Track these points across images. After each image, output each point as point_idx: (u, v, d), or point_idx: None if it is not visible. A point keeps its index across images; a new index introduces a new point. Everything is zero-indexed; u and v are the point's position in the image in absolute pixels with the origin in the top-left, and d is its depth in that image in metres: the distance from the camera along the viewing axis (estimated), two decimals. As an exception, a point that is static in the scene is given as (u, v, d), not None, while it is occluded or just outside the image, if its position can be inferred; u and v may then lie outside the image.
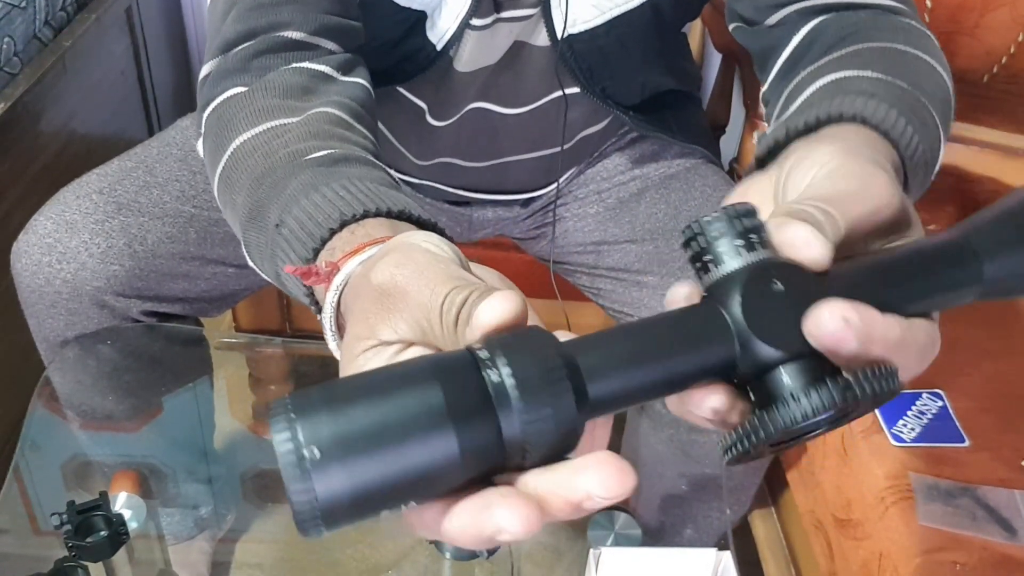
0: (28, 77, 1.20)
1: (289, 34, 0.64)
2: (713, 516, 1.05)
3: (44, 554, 0.84)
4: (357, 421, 0.28)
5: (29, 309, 0.89)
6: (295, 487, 0.27)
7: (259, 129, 0.57)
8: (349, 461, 0.28)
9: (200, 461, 1.13)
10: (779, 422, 0.31)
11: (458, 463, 0.29)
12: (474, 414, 0.29)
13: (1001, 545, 0.85)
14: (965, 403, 0.99)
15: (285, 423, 0.28)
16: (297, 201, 0.48)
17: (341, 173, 0.49)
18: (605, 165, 1.02)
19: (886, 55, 0.58)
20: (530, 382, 0.29)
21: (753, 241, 0.33)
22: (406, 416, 0.28)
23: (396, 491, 0.28)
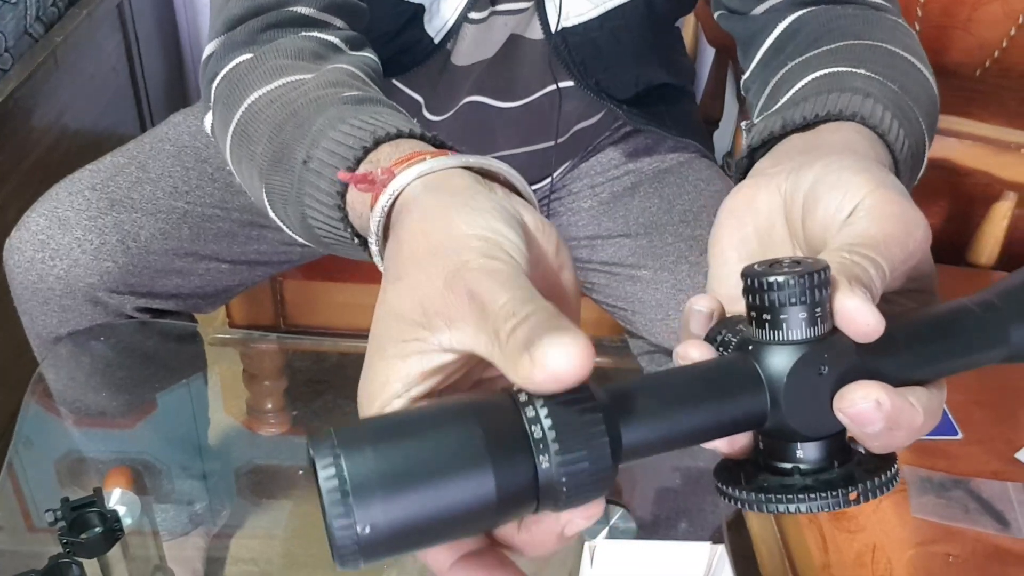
0: (19, 73, 1.20)
1: (298, 9, 0.62)
2: (707, 510, 1.05)
3: (38, 551, 0.84)
4: (399, 459, 0.29)
5: (22, 306, 0.89)
6: (338, 522, 0.28)
7: (275, 84, 0.55)
8: (391, 499, 0.28)
9: (194, 457, 1.13)
10: (775, 508, 0.33)
11: (494, 504, 0.29)
12: (512, 456, 0.29)
13: (994, 537, 0.86)
14: (958, 396, 0.99)
15: (330, 457, 0.28)
16: (324, 134, 0.46)
17: (367, 109, 0.48)
18: (599, 159, 1.02)
19: (876, 54, 0.58)
20: (567, 428, 0.30)
21: (817, 316, 0.33)
22: (447, 456, 0.29)
23: (432, 530, 0.29)
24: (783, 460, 0.34)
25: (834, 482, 0.33)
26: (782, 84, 0.58)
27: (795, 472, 0.34)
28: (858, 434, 0.34)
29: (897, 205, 0.38)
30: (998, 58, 1.33)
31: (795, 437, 0.34)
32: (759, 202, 0.42)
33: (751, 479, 0.35)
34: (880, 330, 0.34)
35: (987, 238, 1.20)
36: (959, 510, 0.88)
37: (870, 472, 0.34)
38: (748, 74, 0.69)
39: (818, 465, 0.34)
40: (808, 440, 0.34)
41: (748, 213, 0.42)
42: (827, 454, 0.34)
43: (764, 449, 0.35)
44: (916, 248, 0.38)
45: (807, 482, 0.34)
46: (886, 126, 0.47)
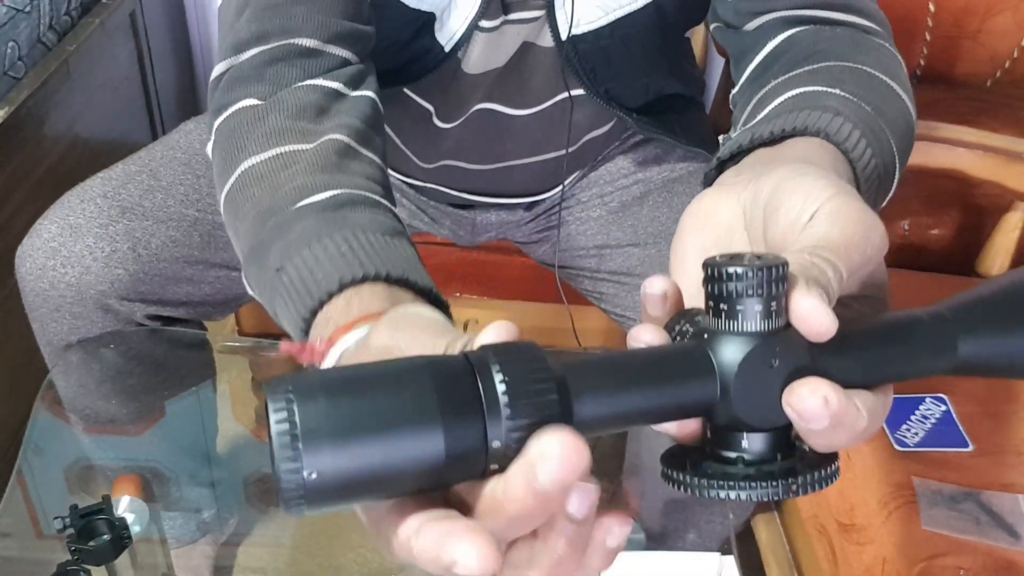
0: (32, 81, 1.21)
1: (302, 42, 0.64)
2: (716, 520, 1.05)
3: (47, 558, 0.84)
4: (352, 409, 0.29)
5: (33, 313, 0.89)
6: (285, 465, 0.28)
7: (268, 155, 0.57)
8: (339, 447, 0.29)
9: (203, 465, 1.13)
10: (711, 492, 0.34)
11: (442, 462, 0.30)
12: (463, 416, 0.30)
13: (1005, 550, 0.85)
14: (968, 408, 0.99)
15: (284, 402, 0.29)
16: (299, 250, 0.48)
17: (345, 221, 0.50)
18: (608, 168, 1.02)
19: (855, 75, 0.59)
20: (519, 392, 0.30)
21: (773, 310, 0.34)
22: (399, 411, 0.29)
23: (378, 482, 0.29)
24: (728, 449, 0.35)
25: (775, 473, 0.34)
26: (762, 102, 0.60)
27: (739, 461, 0.35)
28: (803, 430, 0.35)
29: (856, 210, 0.39)
30: (1009, 68, 1.32)
31: (741, 427, 0.35)
32: (720, 211, 0.43)
33: (696, 465, 0.35)
34: (833, 331, 0.34)
35: (997, 249, 1.19)
36: (970, 523, 0.87)
37: (811, 467, 0.35)
38: (736, 89, 0.70)
39: (762, 456, 0.35)
40: (754, 431, 0.35)
41: (709, 222, 0.43)
42: (771, 447, 0.35)
43: (711, 438, 0.36)
44: (874, 253, 0.39)
45: (749, 471, 0.34)
46: (851, 143, 0.48)
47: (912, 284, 1.14)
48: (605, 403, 0.33)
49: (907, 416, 0.98)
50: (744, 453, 0.35)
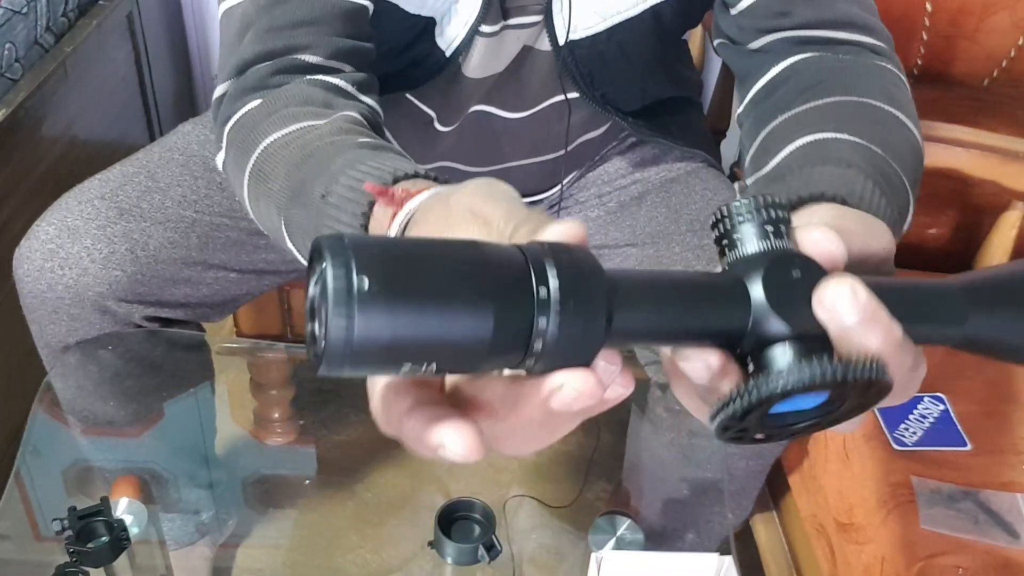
0: (29, 83, 1.21)
1: (306, 58, 0.65)
2: (715, 520, 1.05)
3: (45, 560, 0.84)
4: (408, 276, 0.29)
5: (31, 315, 0.89)
6: (337, 321, 0.28)
7: (290, 128, 0.58)
8: (392, 311, 0.28)
9: (201, 466, 1.13)
10: (767, 387, 0.33)
11: (487, 344, 0.30)
12: (514, 305, 0.30)
13: (1004, 549, 0.85)
14: (967, 407, 0.99)
15: (342, 257, 0.28)
16: (344, 172, 0.48)
17: (383, 155, 0.50)
18: (606, 169, 1.02)
19: (862, 113, 0.60)
20: (571, 294, 0.31)
21: (780, 230, 0.36)
22: (456, 286, 0.30)
23: (423, 351, 0.30)
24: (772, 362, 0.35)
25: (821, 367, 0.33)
26: (770, 143, 0.61)
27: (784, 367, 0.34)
28: (836, 333, 0.35)
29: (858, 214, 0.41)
30: (1006, 68, 1.33)
31: (779, 335, 0.34)
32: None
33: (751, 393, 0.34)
34: (842, 251, 0.35)
35: (995, 248, 1.19)
36: (969, 522, 0.88)
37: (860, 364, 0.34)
38: (741, 109, 0.72)
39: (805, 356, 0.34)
40: (792, 339, 0.34)
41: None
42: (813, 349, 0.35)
43: (754, 372, 0.35)
44: (880, 246, 0.40)
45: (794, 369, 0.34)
46: (867, 200, 0.49)
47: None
48: (644, 317, 0.33)
49: (905, 415, 0.98)
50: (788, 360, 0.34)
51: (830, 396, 0.34)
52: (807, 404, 0.35)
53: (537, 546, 1.05)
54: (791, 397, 0.33)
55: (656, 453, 1.06)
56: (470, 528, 0.91)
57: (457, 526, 0.91)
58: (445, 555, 0.89)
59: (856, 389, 0.34)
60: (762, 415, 0.34)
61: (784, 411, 0.35)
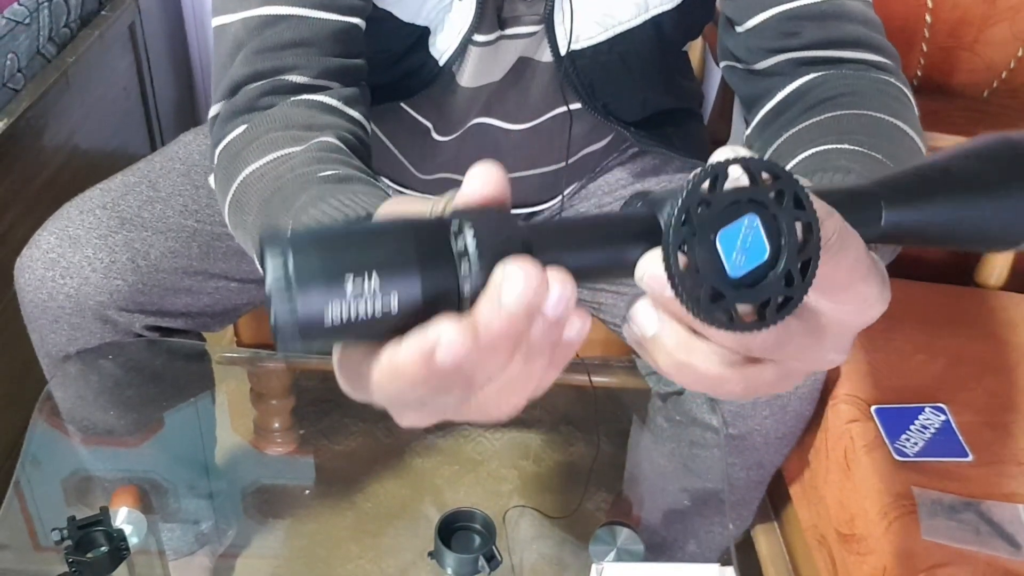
0: (31, 93, 1.21)
1: (294, 78, 0.66)
2: (715, 531, 1.05)
3: (44, 570, 0.84)
4: (339, 256, 0.33)
5: (32, 324, 0.89)
6: (280, 306, 0.32)
7: (266, 159, 0.59)
8: (328, 286, 0.32)
9: (201, 476, 1.12)
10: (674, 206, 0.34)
11: (419, 302, 0.33)
12: (438, 266, 0.33)
13: (1005, 560, 0.85)
14: (968, 417, 0.99)
15: (279, 250, 0.32)
16: (306, 211, 0.50)
17: (347, 188, 0.51)
18: (606, 179, 1.02)
19: (863, 124, 0.60)
20: (487, 246, 0.33)
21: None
22: (382, 256, 0.33)
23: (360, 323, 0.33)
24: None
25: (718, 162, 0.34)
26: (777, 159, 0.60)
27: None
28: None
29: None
30: (1006, 79, 1.33)
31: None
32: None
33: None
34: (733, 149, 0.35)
35: (996, 259, 1.19)
36: (970, 533, 0.87)
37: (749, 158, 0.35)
38: (749, 132, 0.72)
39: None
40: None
41: None
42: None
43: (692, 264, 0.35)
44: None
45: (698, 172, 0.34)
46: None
47: (909, 294, 1.14)
48: (565, 255, 0.35)
49: (907, 426, 0.98)
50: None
51: (763, 223, 0.34)
52: (753, 248, 0.35)
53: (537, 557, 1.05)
54: (708, 211, 0.34)
55: (657, 463, 1.06)
56: (470, 539, 0.90)
57: (457, 537, 0.90)
58: (445, 566, 0.89)
59: (769, 193, 0.34)
60: (714, 261, 0.34)
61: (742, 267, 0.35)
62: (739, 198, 0.34)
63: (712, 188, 0.34)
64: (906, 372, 1.04)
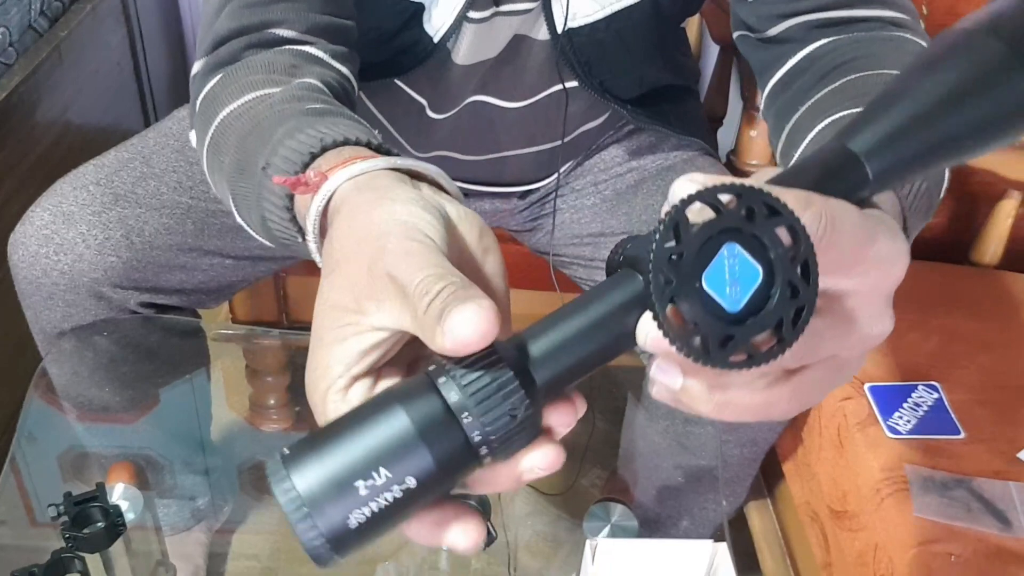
0: (23, 67, 1.20)
1: (281, 32, 0.64)
2: (709, 508, 1.05)
3: (41, 545, 0.84)
4: (342, 461, 0.32)
5: (26, 300, 0.89)
6: (306, 534, 0.32)
7: (244, 99, 0.58)
8: (342, 497, 0.32)
9: (197, 452, 1.13)
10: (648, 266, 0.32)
11: (436, 474, 0.33)
12: (440, 429, 0.33)
13: (996, 537, 0.86)
14: (961, 395, 0.99)
15: (284, 477, 0.32)
16: (282, 143, 0.49)
17: (325, 121, 0.50)
18: (602, 157, 1.01)
19: (878, 86, 0.58)
20: (482, 391, 0.33)
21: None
22: (383, 447, 0.32)
23: (389, 514, 0.33)
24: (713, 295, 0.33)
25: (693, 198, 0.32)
26: (794, 136, 0.60)
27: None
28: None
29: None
30: (1003, 57, 1.32)
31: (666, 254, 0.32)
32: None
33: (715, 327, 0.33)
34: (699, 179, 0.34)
35: (991, 237, 1.20)
36: (961, 510, 0.88)
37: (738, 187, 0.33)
38: (762, 103, 0.71)
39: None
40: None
41: None
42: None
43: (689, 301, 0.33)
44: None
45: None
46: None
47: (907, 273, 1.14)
48: (561, 358, 0.34)
49: (899, 403, 0.98)
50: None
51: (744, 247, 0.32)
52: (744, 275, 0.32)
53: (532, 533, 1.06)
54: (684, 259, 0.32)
55: (651, 441, 1.06)
56: (465, 515, 0.91)
57: (452, 513, 0.91)
58: (440, 541, 0.89)
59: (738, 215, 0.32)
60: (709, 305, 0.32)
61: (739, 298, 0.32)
62: (710, 233, 0.32)
63: (677, 237, 0.32)
64: (900, 350, 1.04)
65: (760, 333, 0.33)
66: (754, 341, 0.33)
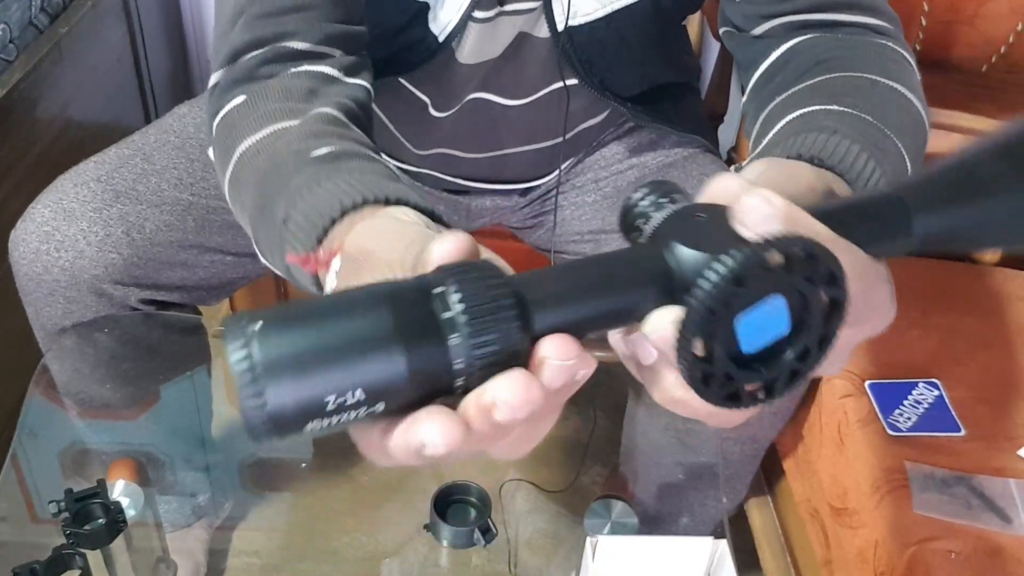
0: (24, 64, 1.20)
1: (295, 44, 0.65)
2: (709, 504, 1.05)
3: (42, 542, 0.84)
4: (310, 337, 0.29)
5: (27, 297, 0.89)
6: (248, 402, 0.29)
7: (262, 133, 0.59)
8: (300, 378, 0.29)
9: (198, 449, 1.13)
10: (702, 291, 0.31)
11: (405, 383, 0.30)
12: (422, 334, 0.30)
13: (996, 534, 0.86)
14: (961, 392, 0.99)
15: (242, 339, 0.29)
16: (301, 195, 0.49)
17: (341, 168, 0.51)
18: (603, 154, 1.01)
19: (856, 87, 0.59)
20: (477, 305, 0.30)
21: (676, 198, 0.36)
22: (357, 336, 0.30)
23: (344, 406, 0.30)
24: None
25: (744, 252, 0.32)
26: (766, 125, 0.60)
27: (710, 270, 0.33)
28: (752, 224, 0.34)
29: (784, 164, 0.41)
30: (1004, 54, 1.32)
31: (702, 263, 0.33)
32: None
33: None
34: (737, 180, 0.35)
35: (991, 235, 1.19)
36: (961, 507, 0.88)
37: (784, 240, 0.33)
38: (744, 98, 0.72)
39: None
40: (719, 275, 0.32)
41: None
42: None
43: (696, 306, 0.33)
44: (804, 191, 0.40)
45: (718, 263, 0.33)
46: (848, 160, 0.48)
47: (904, 270, 1.14)
48: (567, 308, 0.33)
49: (900, 401, 0.98)
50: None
51: (788, 302, 0.32)
52: (774, 324, 0.33)
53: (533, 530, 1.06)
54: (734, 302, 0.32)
55: (652, 438, 1.06)
56: (466, 511, 0.91)
57: (453, 509, 0.91)
58: (441, 538, 0.90)
59: (802, 275, 0.32)
60: (730, 344, 0.32)
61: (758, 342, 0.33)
62: (771, 289, 0.32)
63: (742, 279, 0.32)
64: (900, 347, 1.04)
65: (756, 382, 0.34)
66: (746, 387, 0.34)
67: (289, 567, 1.11)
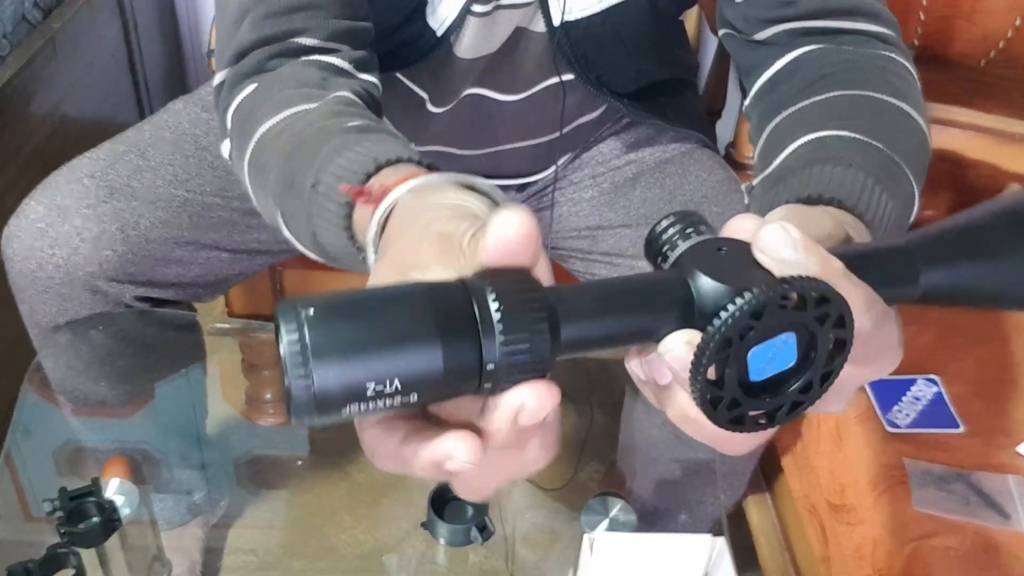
0: (17, 60, 1.19)
1: (303, 41, 0.65)
2: (707, 501, 1.05)
3: (36, 540, 0.84)
4: (356, 327, 0.32)
5: (20, 294, 0.88)
6: (296, 381, 0.31)
7: (282, 115, 0.59)
8: (345, 359, 0.32)
9: (193, 447, 1.12)
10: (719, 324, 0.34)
11: (439, 378, 0.32)
12: (460, 335, 0.33)
13: (994, 531, 0.86)
14: (960, 388, 0.99)
15: (295, 322, 0.32)
16: (331, 160, 0.49)
17: (370, 138, 0.51)
18: (600, 150, 1.01)
19: (865, 108, 0.60)
20: (513, 314, 0.33)
21: (701, 230, 0.38)
22: (401, 329, 0.32)
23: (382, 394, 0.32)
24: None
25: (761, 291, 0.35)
26: (774, 141, 0.61)
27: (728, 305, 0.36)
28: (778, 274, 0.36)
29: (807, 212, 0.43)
30: (1003, 49, 1.32)
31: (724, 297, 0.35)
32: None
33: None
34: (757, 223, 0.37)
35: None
36: (960, 503, 0.88)
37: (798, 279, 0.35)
38: (747, 103, 0.71)
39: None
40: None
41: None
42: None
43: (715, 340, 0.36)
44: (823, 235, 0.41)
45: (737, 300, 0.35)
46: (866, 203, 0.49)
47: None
48: (593, 324, 0.35)
49: (899, 397, 0.98)
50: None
51: (798, 338, 0.35)
52: (782, 357, 0.36)
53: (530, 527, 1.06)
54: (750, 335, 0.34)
55: (649, 434, 1.06)
56: (463, 509, 0.91)
57: (450, 507, 0.91)
58: (438, 536, 0.89)
59: (814, 315, 0.35)
60: (740, 372, 0.35)
61: (766, 372, 0.36)
62: (786, 326, 0.35)
63: (760, 314, 0.34)
64: (899, 344, 1.04)
65: (761, 409, 0.37)
66: (751, 413, 0.37)
67: (285, 565, 1.11)
